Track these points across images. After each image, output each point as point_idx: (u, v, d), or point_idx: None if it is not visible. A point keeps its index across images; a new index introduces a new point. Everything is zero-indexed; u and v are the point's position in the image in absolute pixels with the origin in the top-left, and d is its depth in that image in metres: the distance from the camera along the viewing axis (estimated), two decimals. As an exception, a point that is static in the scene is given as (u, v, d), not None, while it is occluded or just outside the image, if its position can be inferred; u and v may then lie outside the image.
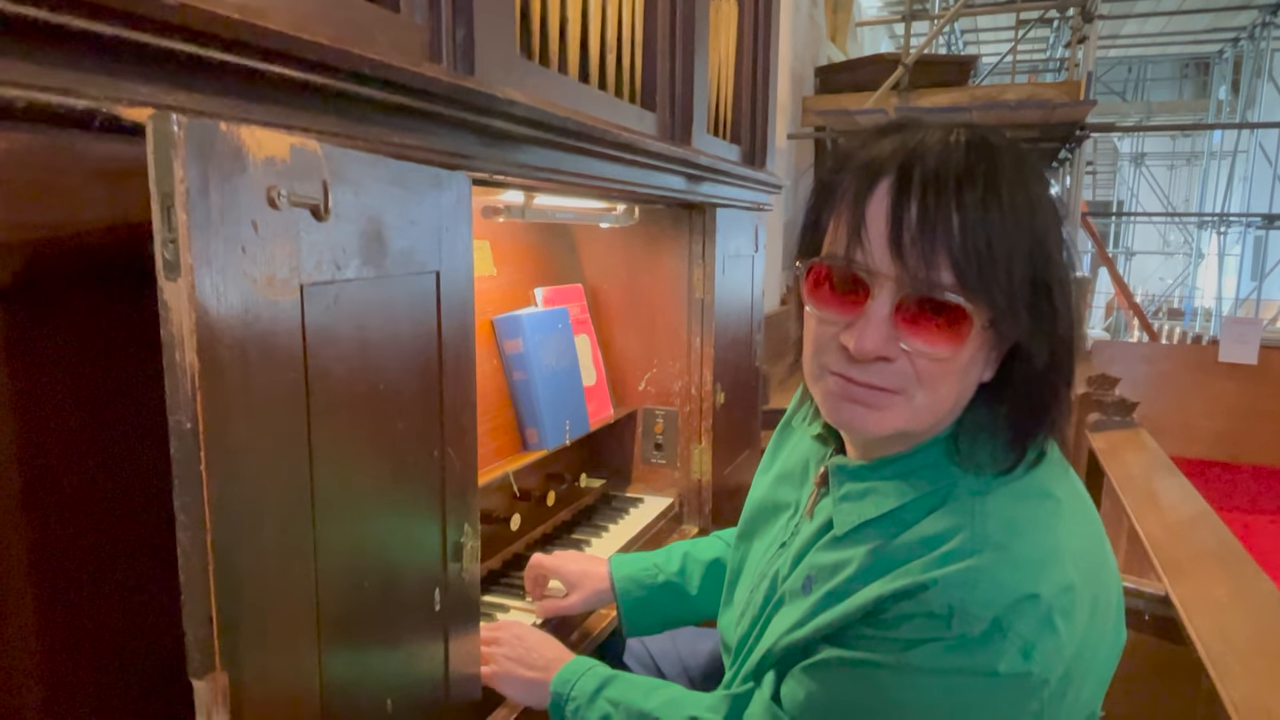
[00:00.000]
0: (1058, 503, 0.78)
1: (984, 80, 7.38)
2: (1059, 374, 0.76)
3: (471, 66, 0.92)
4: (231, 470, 0.52)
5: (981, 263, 0.70)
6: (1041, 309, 0.73)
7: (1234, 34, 10.11)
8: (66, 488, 0.61)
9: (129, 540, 0.65)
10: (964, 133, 0.74)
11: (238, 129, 0.52)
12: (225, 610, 0.51)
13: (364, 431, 0.70)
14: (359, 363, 0.69)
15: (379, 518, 0.74)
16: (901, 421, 0.77)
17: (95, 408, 0.63)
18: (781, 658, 0.85)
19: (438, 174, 0.81)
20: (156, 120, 0.47)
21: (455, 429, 0.87)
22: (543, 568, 1.30)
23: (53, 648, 0.62)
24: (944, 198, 0.70)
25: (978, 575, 0.71)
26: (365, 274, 0.68)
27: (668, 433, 1.83)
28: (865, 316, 0.73)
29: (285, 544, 0.59)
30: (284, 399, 0.58)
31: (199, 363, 0.49)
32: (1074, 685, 0.73)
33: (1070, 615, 0.71)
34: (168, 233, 0.48)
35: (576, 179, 1.19)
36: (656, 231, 1.77)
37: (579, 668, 1.07)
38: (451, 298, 0.85)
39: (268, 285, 0.55)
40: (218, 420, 0.51)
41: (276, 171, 0.56)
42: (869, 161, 0.74)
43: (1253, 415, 5.35)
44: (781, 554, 0.93)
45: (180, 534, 0.50)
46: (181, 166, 0.47)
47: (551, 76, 1.14)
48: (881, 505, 0.80)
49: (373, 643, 0.74)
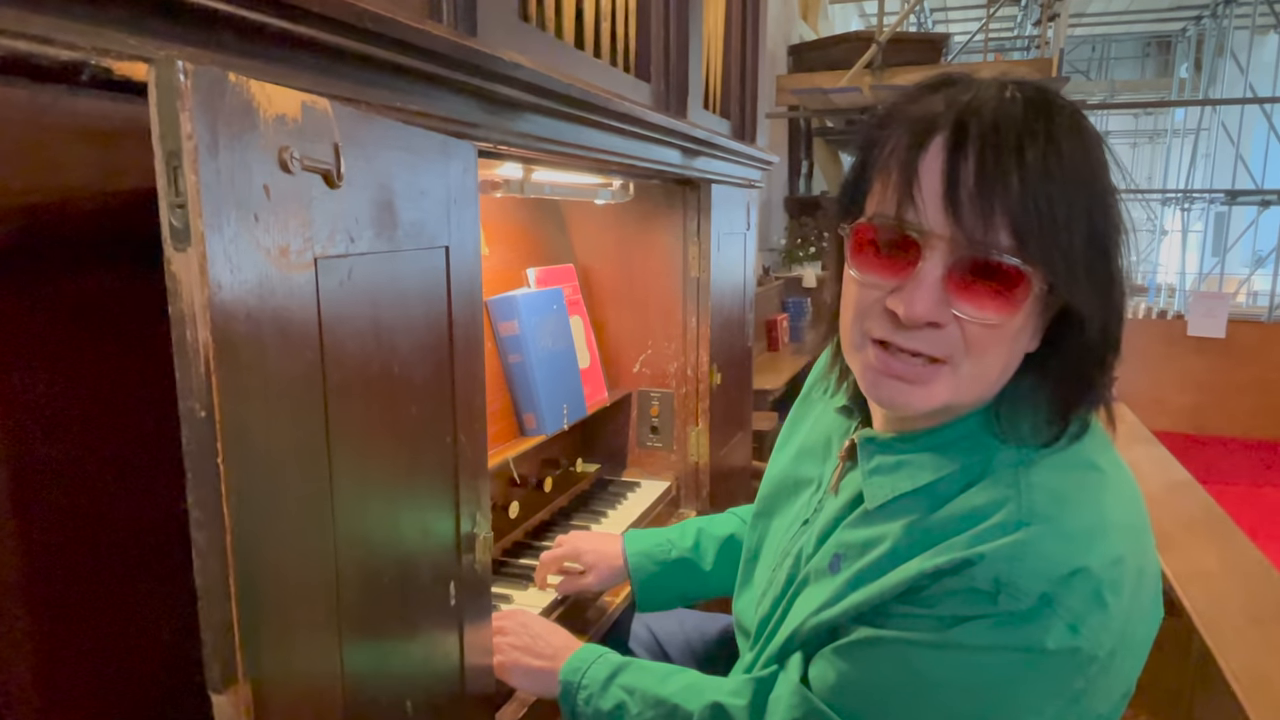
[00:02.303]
0: (1103, 474, 0.75)
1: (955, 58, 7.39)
2: (1108, 343, 0.73)
3: (473, 26, 0.87)
4: (249, 462, 0.47)
5: (1043, 224, 0.66)
6: (1099, 274, 0.70)
7: (1196, 12, 10.23)
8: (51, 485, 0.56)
9: (126, 544, 0.60)
10: (1018, 88, 0.70)
11: (246, 82, 0.47)
12: (247, 615, 0.46)
13: (380, 417, 0.65)
14: (372, 343, 0.64)
15: (397, 509, 0.69)
16: (946, 394, 0.73)
17: (84, 394, 0.58)
18: (809, 639, 0.82)
19: (446, 141, 0.76)
20: (160, 68, 0.41)
21: (467, 414, 0.82)
22: (558, 554, 1.29)
23: (42, 661, 0.56)
24: (1004, 155, 0.66)
25: (1025, 549, 0.68)
26: (378, 247, 0.63)
27: (663, 415, 1.79)
28: (916, 279, 0.69)
29: (306, 541, 0.54)
30: (301, 382, 0.53)
31: (213, 342, 0.43)
32: (1118, 661, 0.71)
33: (1119, 589, 0.69)
34: (175, 196, 0.42)
35: (578, 150, 1.14)
36: (650, 208, 1.72)
37: (589, 655, 1.03)
38: (461, 275, 0.80)
39: (281, 257, 0.50)
40: (233, 407, 0.46)
41: (288, 131, 0.50)
42: (921, 117, 0.70)
43: (1221, 388, 5.46)
44: (805, 531, 0.90)
45: (195, 533, 0.45)
46: (189, 120, 0.41)
47: (551, 41, 1.09)
48: (917, 479, 0.77)
49: (392, 641, 0.69)
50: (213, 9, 0.53)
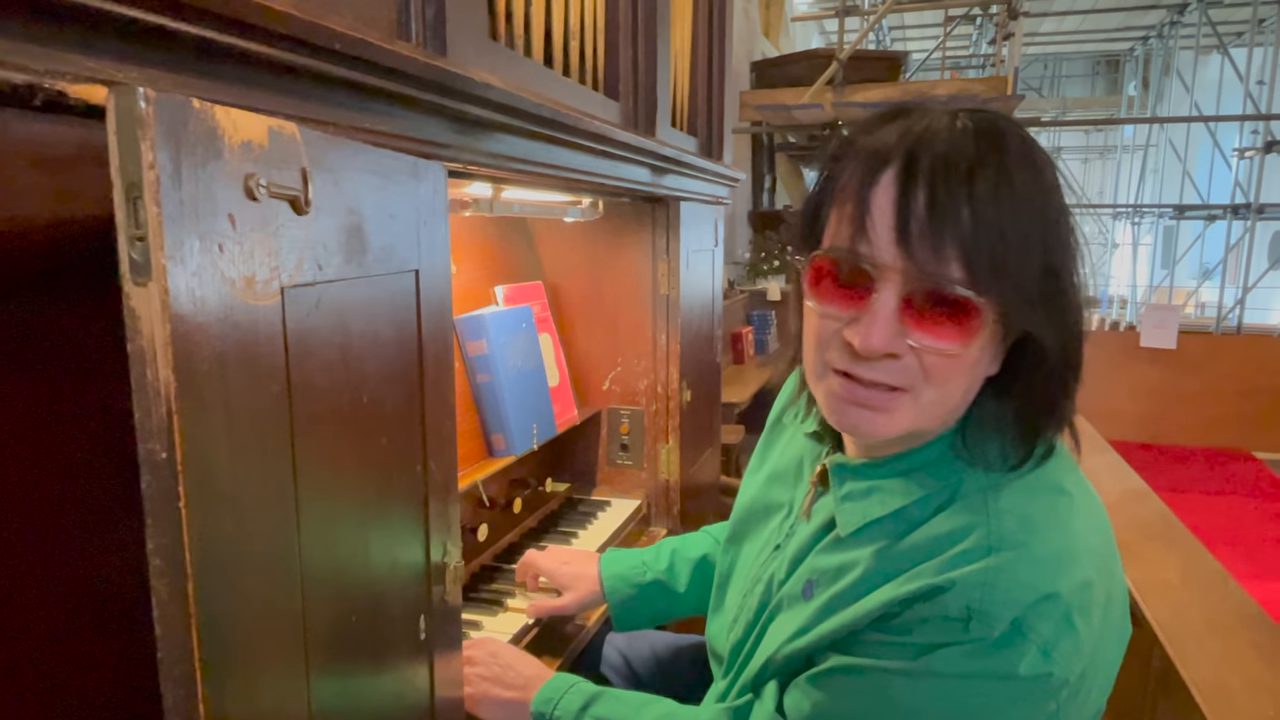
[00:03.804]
0: (1070, 498, 0.76)
1: (913, 76, 7.54)
2: (1069, 367, 0.74)
3: (443, 46, 0.85)
4: (213, 505, 0.45)
5: (994, 255, 0.66)
6: (1053, 300, 0.70)
7: (1143, 33, 10.57)
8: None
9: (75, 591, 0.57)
10: (970, 117, 0.70)
11: (211, 108, 0.45)
12: (210, 666, 0.44)
13: (349, 450, 0.63)
14: (341, 373, 0.62)
15: (366, 544, 0.66)
16: (909, 422, 0.73)
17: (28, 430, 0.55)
18: (783, 667, 0.81)
19: (415, 163, 0.74)
20: (120, 95, 0.39)
21: (437, 440, 0.80)
22: (537, 568, 1.29)
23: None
24: (954, 187, 0.66)
25: (996, 575, 0.68)
26: (347, 274, 0.61)
27: (634, 433, 1.78)
28: (870, 311, 0.70)
29: (271, 585, 0.52)
30: (266, 419, 0.51)
31: (175, 381, 0.41)
32: (1088, 683, 0.71)
33: (1088, 613, 0.69)
34: (134, 229, 0.40)
35: (548, 170, 1.12)
36: (619, 225, 1.71)
37: (561, 685, 1.01)
38: (431, 298, 0.78)
39: (247, 288, 0.48)
40: (197, 447, 0.43)
41: (254, 158, 0.48)
42: (874, 149, 0.70)
43: (1172, 397, 5.61)
44: (776, 556, 0.89)
45: (155, 581, 0.42)
46: (151, 150, 0.39)
47: (521, 61, 1.08)
48: (888, 504, 0.77)
49: (361, 683, 0.67)
50: (174, 30, 0.51)
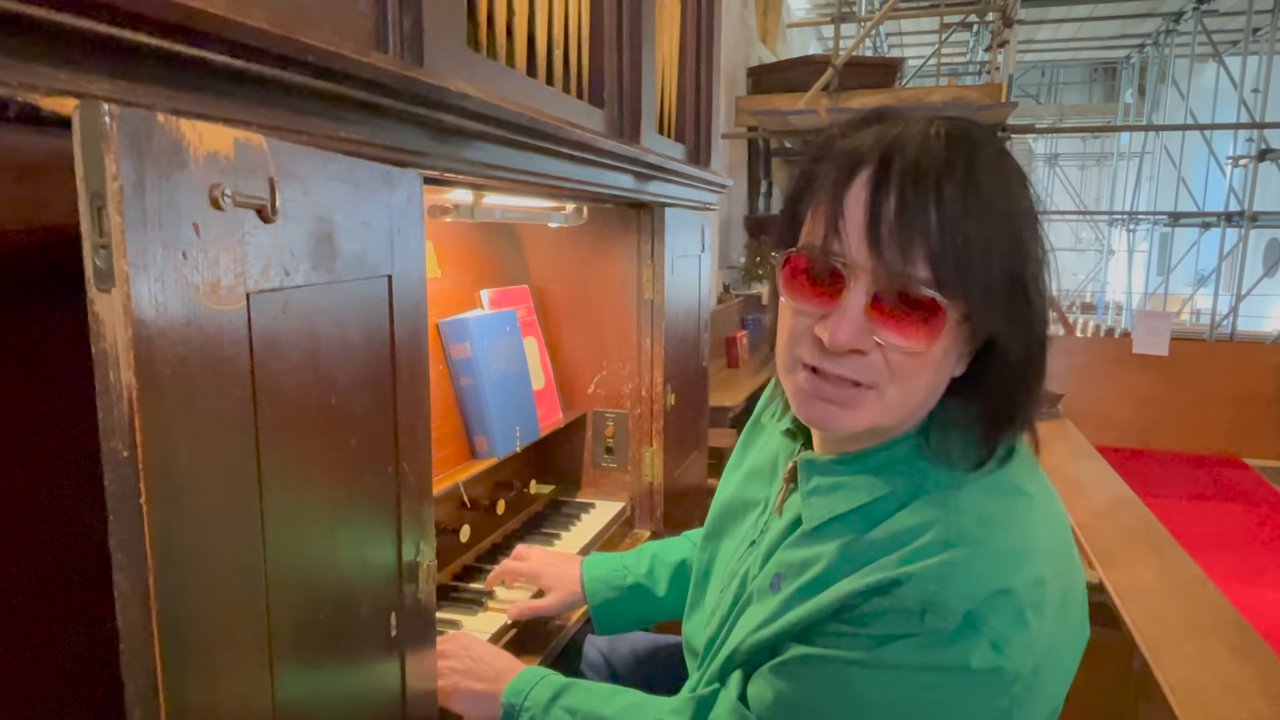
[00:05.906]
0: (1030, 498, 0.78)
1: (909, 82, 7.57)
2: (1032, 370, 0.76)
3: (420, 57, 0.87)
4: (174, 502, 0.47)
5: (958, 258, 0.69)
6: (1017, 305, 0.73)
7: (1139, 40, 10.62)
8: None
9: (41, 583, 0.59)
10: (944, 125, 0.73)
11: (176, 121, 0.47)
12: (171, 659, 0.46)
13: (316, 450, 0.64)
14: (309, 376, 0.63)
15: (333, 544, 0.68)
16: (872, 418, 0.76)
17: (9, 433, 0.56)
18: (748, 657, 0.83)
19: (389, 171, 0.76)
20: (84, 110, 0.41)
21: (410, 443, 0.82)
22: (519, 572, 1.31)
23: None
24: (923, 191, 0.69)
25: (951, 570, 0.70)
26: (315, 279, 0.63)
27: (618, 436, 1.79)
28: (840, 308, 0.72)
29: (234, 581, 0.53)
30: (230, 419, 0.53)
31: (136, 383, 0.43)
32: (1042, 680, 0.73)
33: (1040, 610, 0.71)
34: (99, 238, 0.42)
35: (528, 177, 1.14)
36: (605, 231, 1.73)
37: (531, 677, 1.03)
38: (404, 303, 0.80)
39: (211, 294, 0.50)
40: (158, 447, 0.45)
41: (220, 169, 0.50)
42: (849, 152, 0.73)
43: (1164, 404, 5.62)
44: (751, 552, 0.91)
45: (117, 575, 0.44)
46: (114, 162, 0.41)
47: (501, 70, 1.10)
48: (852, 500, 0.79)
49: (328, 679, 0.68)
50: (147, 44, 0.53)
